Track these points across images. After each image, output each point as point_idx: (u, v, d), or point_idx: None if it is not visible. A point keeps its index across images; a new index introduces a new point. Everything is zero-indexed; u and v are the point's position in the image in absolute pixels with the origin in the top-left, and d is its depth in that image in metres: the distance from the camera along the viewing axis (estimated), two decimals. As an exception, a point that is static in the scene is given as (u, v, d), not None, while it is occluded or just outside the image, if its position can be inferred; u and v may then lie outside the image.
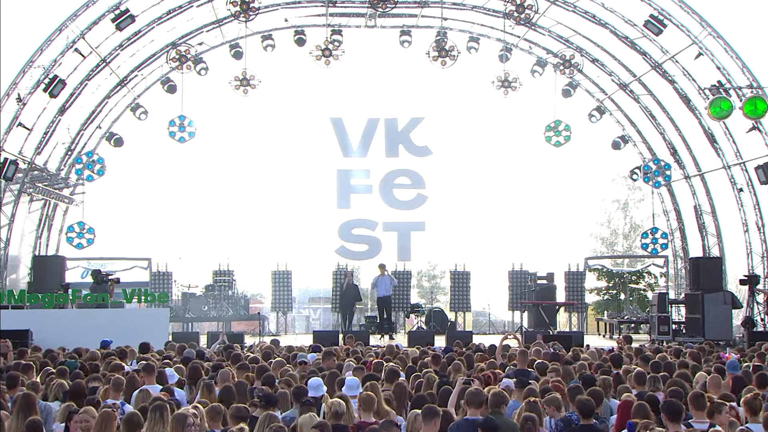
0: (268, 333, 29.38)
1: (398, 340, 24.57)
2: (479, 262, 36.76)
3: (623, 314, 30.66)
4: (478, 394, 9.16)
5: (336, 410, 8.94)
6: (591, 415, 9.23)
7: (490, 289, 41.98)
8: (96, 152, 30.27)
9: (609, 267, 37.86)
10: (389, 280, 27.54)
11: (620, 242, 50.22)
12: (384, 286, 27.49)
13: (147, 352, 16.12)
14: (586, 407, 9.31)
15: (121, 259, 32.35)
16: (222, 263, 30.54)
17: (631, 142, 32.05)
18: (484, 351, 16.82)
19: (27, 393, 9.32)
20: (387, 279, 27.47)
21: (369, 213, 31.24)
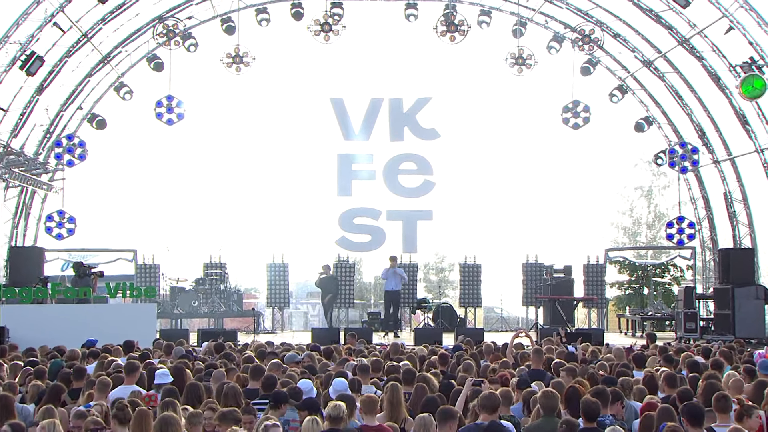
0: (263, 330, 29.42)
1: (403, 338, 24.58)
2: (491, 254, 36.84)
3: (647, 310, 30.63)
4: (492, 398, 9.17)
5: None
6: (594, 419, 9.19)
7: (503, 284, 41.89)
8: (77, 135, 30.27)
9: (631, 259, 37.79)
10: (399, 274, 27.52)
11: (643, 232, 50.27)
12: (393, 280, 27.48)
13: (131, 351, 16.15)
14: (590, 410, 9.31)
15: (105, 251, 32.39)
16: (213, 255, 30.58)
17: (655, 124, 31.97)
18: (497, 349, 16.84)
19: (4, 395, 9.32)
20: (396, 272, 27.46)
21: (372, 201, 31.22)
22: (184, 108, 30.02)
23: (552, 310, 28.83)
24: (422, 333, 24.69)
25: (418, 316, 32.59)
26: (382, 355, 16.36)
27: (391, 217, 31.14)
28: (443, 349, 17.20)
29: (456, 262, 34.43)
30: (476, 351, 16.35)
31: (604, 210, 50.19)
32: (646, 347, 18.32)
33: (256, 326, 27.56)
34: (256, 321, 27.94)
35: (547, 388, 9.95)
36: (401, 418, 9.91)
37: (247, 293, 41.11)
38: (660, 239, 46.38)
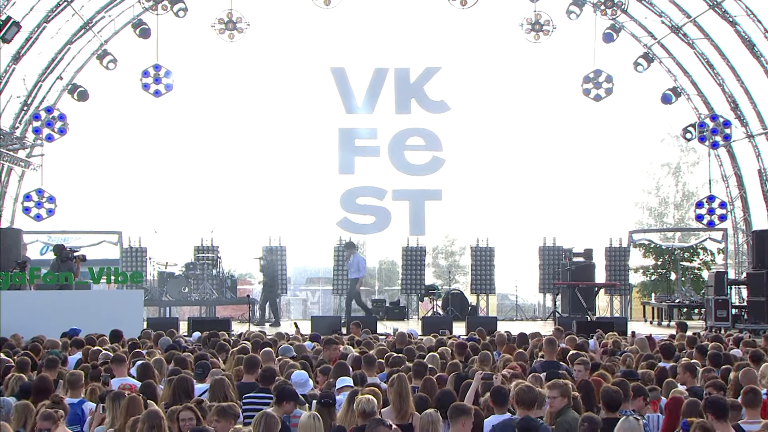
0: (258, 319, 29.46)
1: (411, 327, 24.60)
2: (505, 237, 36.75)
3: (674, 297, 30.62)
4: (530, 392, 9.26)
5: (364, 408, 9.04)
6: (616, 408, 9.27)
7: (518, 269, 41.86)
8: (57, 107, 30.25)
9: (657, 242, 37.74)
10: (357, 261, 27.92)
11: (671, 213, 50.22)
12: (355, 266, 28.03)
13: (118, 341, 16.21)
14: (611, 399, 9.38)
15: (87, 233, 32.40)
16: (205, 238, 30.62)
17: (684, 96, 31.87)
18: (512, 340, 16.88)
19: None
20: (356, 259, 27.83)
21: (376, 179, 31.23)
22: (173, 78, 29.98)
23: (571, 297, 28.84)
24: (431, 322, 24.68)
25: (426, 303, 32.64)
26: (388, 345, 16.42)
27: (397, 196, 31.15)
28: (457, 338, 17.27)
29: (467, 245, 34.41)
30: (488, 341, 16.39)
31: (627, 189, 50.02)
32: (674, 337, 18.35)
33: (251, 315, 27.60)
34: (251, 309, 27.97)
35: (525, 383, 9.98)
36: (409, 412, 9.96)
37: (241, 279, 41.13)
38: (689, 220, 46.33)
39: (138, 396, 9.56)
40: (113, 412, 9.48)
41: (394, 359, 12.79)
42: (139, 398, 9.45)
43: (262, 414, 8.88)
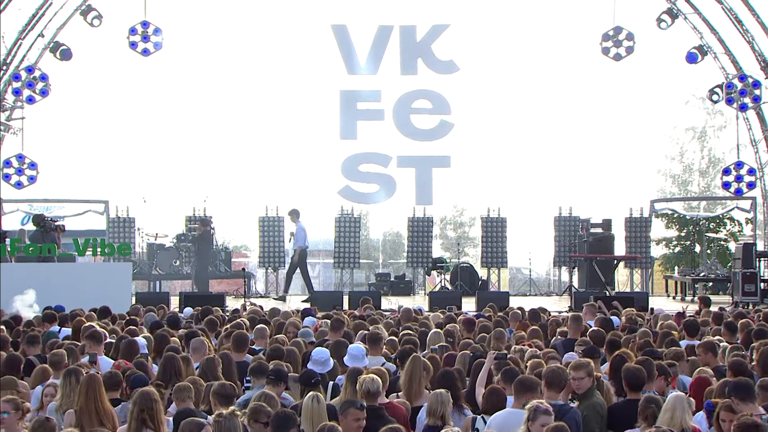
0: (255, 294, 29.53)
1: (417, 302, 24.66)
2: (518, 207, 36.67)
3: (698, 270, 30.62)
4: (562, 374, 9.29)
5: (368, 388, 9.04)
6: (640, 389, 9.28)
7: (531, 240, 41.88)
8: (38, 67, 30.13)
9: (681, 212, 37.70)
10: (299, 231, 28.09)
11: (695, 180, 50.15)
12: (298, 236, 28.16)
13: (107, 318, 16.23)
14: (635, 378, 9.39)
15: (72, 202, 32.40)
16: (197, 207, 30.58)
17: (710, 54, 31.70)
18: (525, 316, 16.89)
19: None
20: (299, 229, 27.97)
21: (380, 145, 31.17)
22: (162, 36, 29.85)
23: (588, 271, 28.82)
24: (438, 297, 24.75)
25: (433, 277, 32.67)
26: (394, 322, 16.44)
27: (402, 163, 31.11)
28: (465, 314, 17.27)
29: (477, 215, 34.36)
30: (500, 318, 16.38)
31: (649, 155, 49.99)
32: (698, 313, 18.34)
33: (246, 289, 27.65)
34: (246, 283, 28.01)
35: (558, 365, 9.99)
36: (421, 395, 10.00)
37: (236, 251, 41.20)
38: (715, 188, 46.28)
39: (97, 375, 9.59)
40: (64, 389, 9.64)
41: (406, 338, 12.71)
42: (99, 378, 9.47)
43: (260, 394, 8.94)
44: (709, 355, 11.82)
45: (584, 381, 9.54)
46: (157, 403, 8.57)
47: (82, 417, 9.04)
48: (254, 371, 10.44)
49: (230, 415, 8.19)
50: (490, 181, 34.25)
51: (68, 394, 9.61)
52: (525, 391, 9.15)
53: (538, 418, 7.89)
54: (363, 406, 8.56)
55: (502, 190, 34.65)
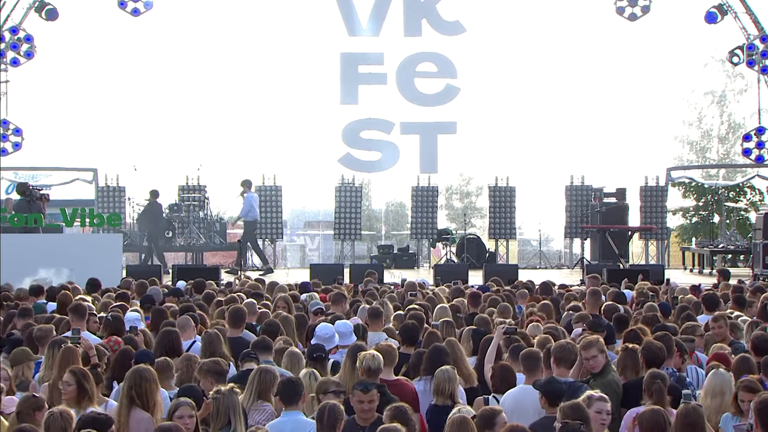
0: (251, 267, 29.55)
1: (422, 276, 24.67)
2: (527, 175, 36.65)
3: (717, 242, 30.61)
4: (572, 350, 9.29)
5: (369, 365, 9.07)
6: (659, 367, 9.31)
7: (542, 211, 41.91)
8: (22, 28, 30.03)
9: (699, 180, 37.67)
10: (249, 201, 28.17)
11: (714, 147, 50.04)
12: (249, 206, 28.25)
13: (96, 292, 16.24)
14: (654, 356, 9.40)
15: (59, 170, 32.32)
16: (191, 176, 30.52)
17: (731, 14, 31.55)
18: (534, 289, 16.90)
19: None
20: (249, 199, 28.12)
21: (383, 110, 31.10)
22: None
23: (602, 242, 28.82)
24: (444, 270, 24.74)
25: (438, 250, 32.67)
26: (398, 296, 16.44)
27: (406, 130, 31.04)
28: (472, 288, 17.27)
29: (485, 184, 34.41)
30: (507, 292, 16.37)
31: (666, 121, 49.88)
32: (717, 286, 18.33)
33: (242, 262, 27.66)
34: (242, 256, 28.04)
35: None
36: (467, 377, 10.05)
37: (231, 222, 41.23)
38: (734, 155, 46.14)
39: (75, 347, 9.68)
40: (47, 361, 9.78)
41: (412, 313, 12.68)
42: (76, 350, 9.59)
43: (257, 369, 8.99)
44: (725, 329, 11.79)
45: (598, 359, 9.54)
46: (148, 382, 8.59)
47: (53, 391, 9.12)
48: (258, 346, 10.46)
49: (229, 392, 8.24)
50: (499, 149, 34.23)
51: (50, 366, 9.71)
52: (537, 366, 9.17)
53: (593, 405, 7.84)
54: (368, 388, 8.54)
55: (511, 158, 34.64)
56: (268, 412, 8.85)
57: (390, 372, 9.62)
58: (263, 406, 8.91)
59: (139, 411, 8.50)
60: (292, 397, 8.62)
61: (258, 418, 8.75)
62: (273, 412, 8.82)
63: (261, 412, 8.83)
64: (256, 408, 8.89)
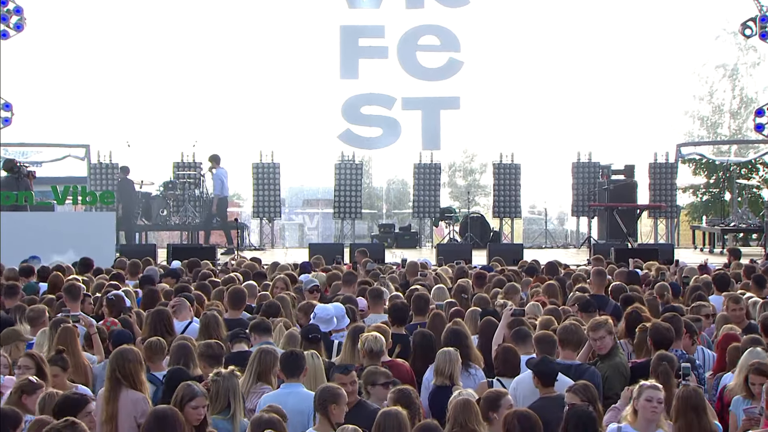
0: (248, 246, 29.56)
1: (424, 255, 24.67)
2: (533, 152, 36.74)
3: (728, 220, 30.58)
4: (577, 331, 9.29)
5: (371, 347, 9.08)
6: (668, 348, 9.33)
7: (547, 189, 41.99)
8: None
9: (710, 157, 37.68)
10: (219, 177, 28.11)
11: (726, 123, 49.95)
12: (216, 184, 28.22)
13: (88, 272, 16.24)
14: (662, 337, 9.40)
15: (50, 146, 32.31)
16: (186, 152, 30.51)
17: (744, -15, 31.48)
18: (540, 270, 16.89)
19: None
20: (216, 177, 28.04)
21: (384, 85, 31.05)
22: (147, -34, 29.74)
23: (609, 221, 28.81)
24: (447, 250, 24.74)
25: (441, 229, 32.68)
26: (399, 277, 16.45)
27: (408, 105, 31.00)
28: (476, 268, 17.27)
29: (489, 161, 34.34)
30: (512, 272, 16.36)
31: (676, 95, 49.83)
32: (728, 266, 18.32)
33: (240, 241, 27.68)
34: (239, 235, 28.05)
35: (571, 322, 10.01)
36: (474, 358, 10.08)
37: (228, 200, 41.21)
38: (747, 131, 46.10)
39: (73, 327, 9.78)
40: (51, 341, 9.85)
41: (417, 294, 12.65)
42: (73, 330, 9.70)
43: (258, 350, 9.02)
44: (743, 312, 11.78)
45: (606, 340, 9.56)
46: (131, 363, 8.63)
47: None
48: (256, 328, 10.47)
49: (230, 374, 8.28)
50: (503, 125, 34.25)
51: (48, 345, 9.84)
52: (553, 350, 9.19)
53: (643, 393, 7.81)
54: (348, 369, 8.58)
55: (516, 134, 34.67)
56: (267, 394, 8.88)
57: (384, 353, 9.64)
58: (262, 388, 8.93)
59: (132, 392, 8.53)
60: (294, 370, 8.73)
61: (256, 401, 8.76)
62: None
63: (259, 396, 8.85)
64: (254, 391, 8.91)
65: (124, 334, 10.08)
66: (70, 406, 7.50)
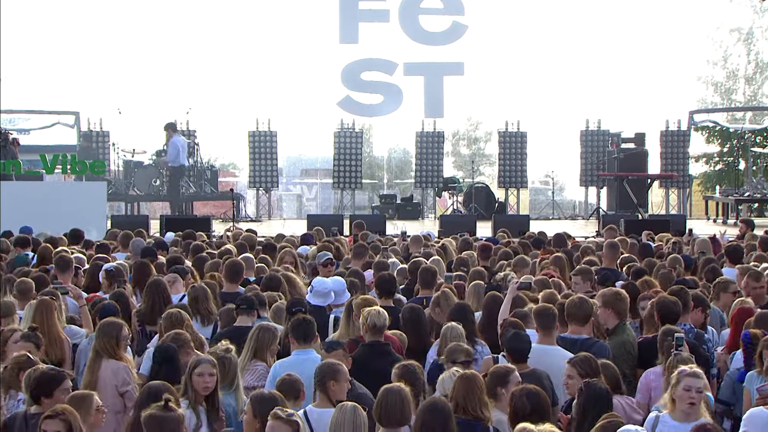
0: (244, 217, 29.58)
1: (427, 227, 24.70)
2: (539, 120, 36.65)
3: (743, 190, 30.57)
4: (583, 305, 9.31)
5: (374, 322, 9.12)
6: (675, 323, 9.33)
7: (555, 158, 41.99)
8: (-3, -37, 29.93)
9: (724, 124, 37.59)
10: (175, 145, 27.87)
11: (740, 89, 49.85)
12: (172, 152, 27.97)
13: (78, 243, 16.26)
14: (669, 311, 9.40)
15: (38, 113, 32.32)
16: (179, 120, 30.46)
17: (760, -54, 31.39)
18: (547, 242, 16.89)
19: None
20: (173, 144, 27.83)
21: (385, 50, 31.03)
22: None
23: (619, 191, 28.78)
24: (450, 221, 24.77)
25: (444, 199, 32.69)
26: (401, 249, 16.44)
27: (410, 71, 30.98)
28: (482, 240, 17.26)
29: (494, 129, 34.38)
30: (518, 244, 16.36)
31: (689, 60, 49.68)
32: (741, 237, 18.32)
33: (235, 212, 27.67)
34: (235, 206, 28.03)
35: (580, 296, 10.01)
36: None
37: (223, 170, 41.26)
38: (762, 97, 46.10)
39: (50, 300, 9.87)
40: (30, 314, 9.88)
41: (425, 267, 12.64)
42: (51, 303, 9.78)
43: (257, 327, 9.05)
44: (758, 288, 11.73)
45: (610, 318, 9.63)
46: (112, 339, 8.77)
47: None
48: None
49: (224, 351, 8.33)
50: (509, 91, 34.18)
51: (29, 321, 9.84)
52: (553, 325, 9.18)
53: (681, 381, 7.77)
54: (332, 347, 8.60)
55: (522, 101, 34.58)
56: (260, 372, 8.89)
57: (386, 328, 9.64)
58: (255, 366, 8.95)
59: (113, 361, 8.70)
60: (307, 336, 8.85)
61: (249, 378, 8.80)
62: (265, 371, 8.86)
63: (252, 372, 8.89)
64: (249, 368, 8.93)
65: (109, 307, 10.10)
66: (47, 383, 7.56)
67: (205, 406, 7.89)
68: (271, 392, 7.48)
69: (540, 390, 7.53)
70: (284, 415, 6.68)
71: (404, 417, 7.21)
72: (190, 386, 7.88)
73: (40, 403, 7.46)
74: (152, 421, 6.73)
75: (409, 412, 7.25)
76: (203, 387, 7.87)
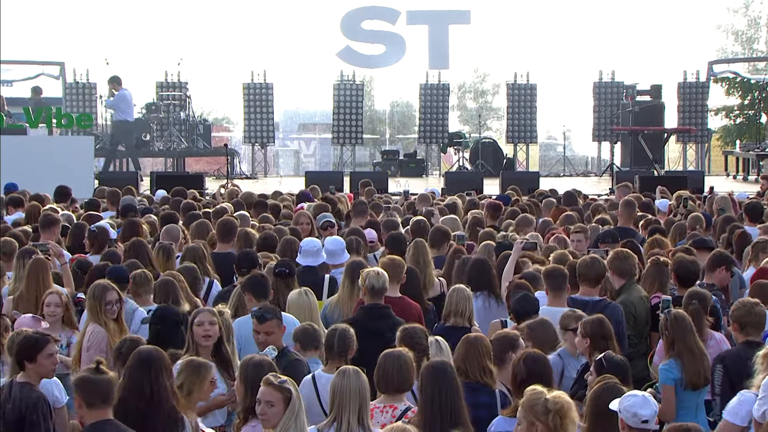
0: (239, 174, 29.60)
1: (431, 185, 24.72)
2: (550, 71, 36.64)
3: (764, 144, 30.59)
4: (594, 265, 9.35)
5: (373, 284, 9.13)
6: (692, 284, 9.35)
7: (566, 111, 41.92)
8: None
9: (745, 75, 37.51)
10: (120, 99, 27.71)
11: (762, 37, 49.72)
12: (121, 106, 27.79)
13: (65, 201, 16.27)
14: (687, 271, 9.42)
15: (21, 63, 32.25)
16: (170, 71, 30.47)
17: None
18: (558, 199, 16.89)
19: None
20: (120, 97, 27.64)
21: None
22: None
23: (634, 146, 28.78)
24: (456, 178, 24.78)
25: (449, 155, 32.69)
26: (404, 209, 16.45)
27: (413, 19, 30.94)
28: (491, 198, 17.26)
29: (502, 81, 34.36)
30: (529, 202, 16.36)
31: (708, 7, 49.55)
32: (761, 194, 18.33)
33: (230, 169, 27.69)
34: (230, 162, 28.06)
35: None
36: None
37: (217, 125, 41.23)
38: (785, 48, 45.94)
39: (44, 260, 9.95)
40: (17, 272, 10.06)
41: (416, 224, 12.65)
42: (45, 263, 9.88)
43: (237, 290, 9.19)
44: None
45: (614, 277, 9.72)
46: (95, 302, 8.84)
47: (20, 303, 9.48)
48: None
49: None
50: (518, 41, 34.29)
51: (20, 277, 9.95)
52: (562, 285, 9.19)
53: None
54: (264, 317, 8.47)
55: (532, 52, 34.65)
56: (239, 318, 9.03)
57: (396, 289, 9.61)
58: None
59: (94, 325, 8.78)
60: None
61: None
62: None
63: None
64: None
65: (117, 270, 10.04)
66: (31, 346, 7.60)
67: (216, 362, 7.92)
68: (262, 358, 7.50)
69: (543, 356, 7.54)
70: (276, 381, 6.70)
71: (404, 383, 7.24)
72: (191, 340, 8.00)
73: (24, 368, 7.48)
74: (83, 383, 6.77)
75: (410, 378, 7.27)
76: (203, 335, 7.96)
